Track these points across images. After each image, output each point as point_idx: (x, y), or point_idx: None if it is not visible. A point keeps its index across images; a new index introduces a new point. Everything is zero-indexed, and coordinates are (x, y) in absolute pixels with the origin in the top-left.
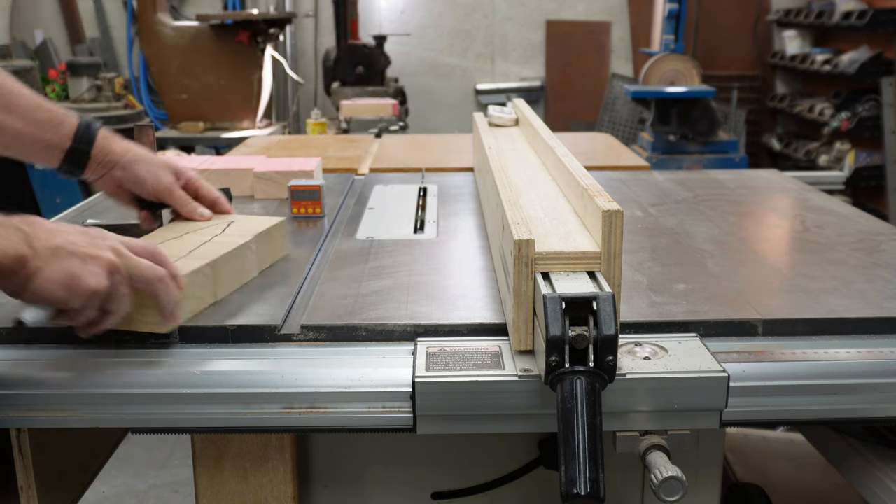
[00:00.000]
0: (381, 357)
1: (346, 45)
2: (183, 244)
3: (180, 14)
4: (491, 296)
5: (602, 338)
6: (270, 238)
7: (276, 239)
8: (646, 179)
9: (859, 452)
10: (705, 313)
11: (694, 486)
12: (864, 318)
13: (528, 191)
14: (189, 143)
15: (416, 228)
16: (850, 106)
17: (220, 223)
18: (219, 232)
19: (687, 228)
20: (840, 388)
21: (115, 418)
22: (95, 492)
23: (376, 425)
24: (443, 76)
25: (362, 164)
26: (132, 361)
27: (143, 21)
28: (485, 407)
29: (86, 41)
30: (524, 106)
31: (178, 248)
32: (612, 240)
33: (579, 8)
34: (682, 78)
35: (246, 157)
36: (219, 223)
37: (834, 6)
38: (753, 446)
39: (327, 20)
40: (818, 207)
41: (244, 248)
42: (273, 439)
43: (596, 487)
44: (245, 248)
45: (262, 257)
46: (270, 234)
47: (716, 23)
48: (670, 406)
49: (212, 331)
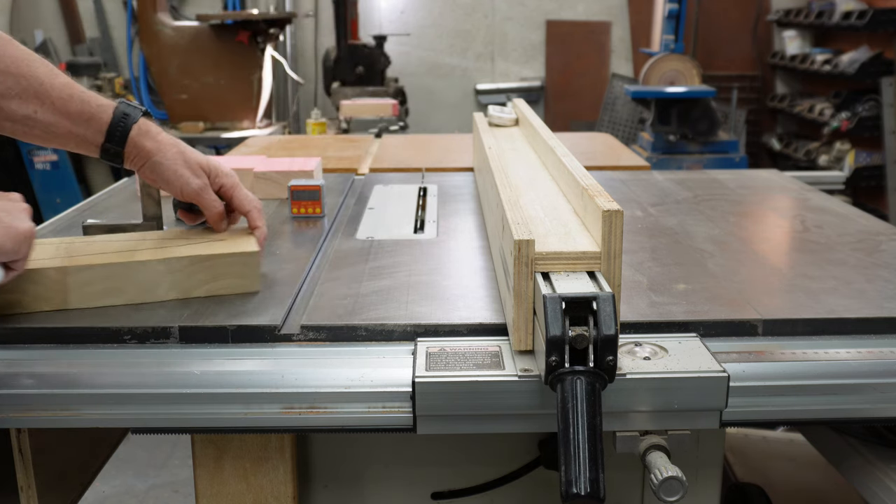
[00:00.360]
0: (381, 357)
1: (346, 45)
2: (116, 245)
3: (180, 14)
4: (491, 296)
5: (602, 338)
6: (214, 266)
7: (230, 268)
8: (646, 179)
9: (859, 452)
10: (705, 313)
11: (694, 486)
12: (864, 318)
13: (528, 191)
14: (189, 143)
15: (416, 228)
16: (850, 106)
17: (208, 236)
18: (182, 244)
19: (687, 228)
20: (840, 388)
21: (115, 418)
22: (95, 492)
23: (376, 425)
24: (443, 76)
25: (362, 164)
26: (132, 361)
27: (143, 21)
28: (485, 407)
29: (86, 41)
30: (524, 106)
31: (104, 247)
32: (612, 240)
33: (579, 8)
34: (682, 78)
35: (246, 157)
36: (208, 236)
37: (834, 6)
38: (753, 446)
39: (327, 20)
40: (818, 207)
41: (145, 266)
42: (273, 439)
43: (596, 487)
44: (147, 267)
45: (188, 282)
46: (215, 262)
47: (716, 23)
48: (670, 406)
49: (212, 331)
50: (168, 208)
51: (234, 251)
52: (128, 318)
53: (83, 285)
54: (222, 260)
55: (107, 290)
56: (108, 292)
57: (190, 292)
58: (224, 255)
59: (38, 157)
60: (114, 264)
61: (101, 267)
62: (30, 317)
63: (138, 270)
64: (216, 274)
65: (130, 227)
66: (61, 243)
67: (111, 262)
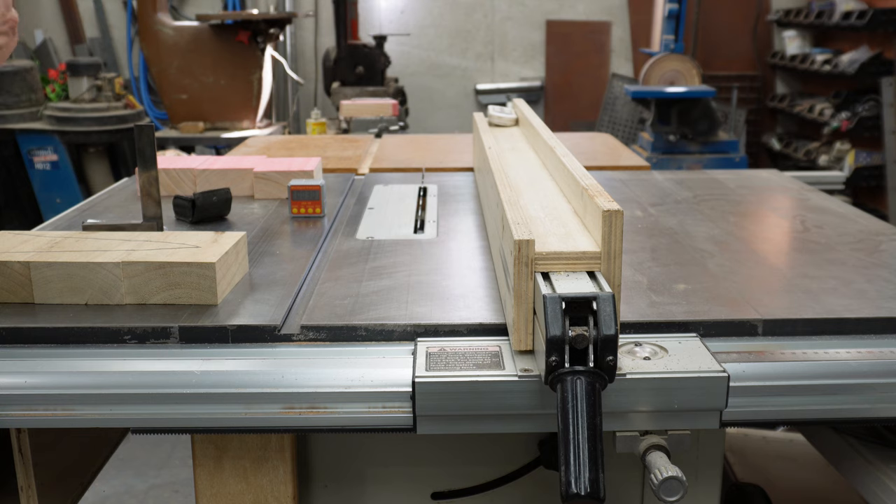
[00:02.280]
0: (381, 357)
1: (346, 45)
2: (93, 244)
3: (180, 14)
4: (491, 296)
5: (602, 338)
6: (169, 274)
7: (185, 277)
8: (646, 179)
9: (859, 452)
10: (705, 313)
11: (694, 486)
12: (864, 318)
13: (528, 191)
14: (189, 143)
15: (416, 228)
16: (850, 106)
17: (184, 242)
18: (149, 249)
19: (687, 228)
20: (840, 388)
21: (115, 418)
22: (95, 492)
23: (376, 425)
24: (443, 76)
25: (362, 164)
26: (132, 361)
27: (143, 21)
28: (485, 407)
29: (86, 41)
30: (524, 106)
31: (82, 245)
32: (612, 240)
33: (579, 8)
34: (682, 78)
35: (246, 157)
36: (184, 242)
37: (834, 6)
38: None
39: (327, 20)
40: (818, 207)
41: (102, 268)
42: (273, 439)
43: (596, 487)
44: (104, 269)
45: (145, 288)
46: (170, 270)
47: (716, 23)
48: (670, 406)
49: (212, 331)
50: (168, 208)
51: (190, 260)
52: (128, 318)
53: (45, 282)
54: (177, 269)
55: (67, 289)
56: (69, 291)
57: (147, 298)
58: (179, 264)
59: (38, 157)
60: (73, 263)
61: (60, 265)
62: (30, 317)
63: (96, 272)
64: (171, 282)
65: (130, 226)
66: (55, 237)
67: (70, 262)
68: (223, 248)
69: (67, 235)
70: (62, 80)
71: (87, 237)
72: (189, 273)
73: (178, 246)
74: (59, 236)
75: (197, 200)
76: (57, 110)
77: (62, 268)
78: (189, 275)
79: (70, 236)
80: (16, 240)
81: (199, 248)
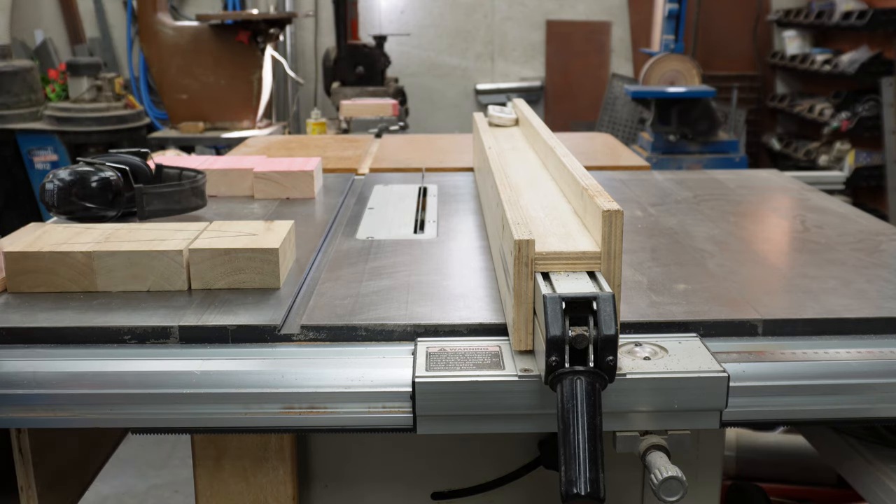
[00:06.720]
0: (381, 357)
1: (346, 45)
2: (150, 234)
3: (180, 14)
4: (491, 296)
5: (602, 338)
6: (233, 260)
7: (249, 263)
8: (646, 179)
9: (859, 452)
10: (705, 313)
11: (694, 486)
12: (864, 318)
13: (528, 191)
14: (189, 143)
15: (416, 228)
16: (850, 106)
17: (242, 230)
18: (211, 237)
19: (687, 228)
20: (840, 388)
21: (115, 418)
22: (95, 492)
23: (376, 425)
24: (443, 76)
25: (362, 164)
26: (132, 361)
27: (143, 21)
28: (485, 407)
29: (86, 41)
30: (524, 106)
31: (138, 234)
32: (612, 240)
33: (579, 8)
34: (682, 78)
35: (246, 157)
36: (242, 230)
37: (834, 6)
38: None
39: (327, 20)
40: (818, 207)
41: (166, 256)
42: (273, 439)
43: (596, 487)
44: (167, 256)
45: (209, 274)
46: (235, 256)
47: (716, 23)
48: (670, 406)
49: (212, 331)
50: None
51: (255, 246)
52: (128, 318)
53: (107, 270)
54: (242, 254)
55: (130, 277)
56: (132, 279)
57: (212, 284)
58: (244, 250)
59: (38, 157)
60: (136, 252)
61: (123, 254)
62: (30, 317)
63: (159, 259)
64: (236, 268)
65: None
66: (107, 229)
67: (134, 251)
68: (280, 235)
69: (119, 227)
70: (62, 80)
71: (139, 228)
72: (253, 258)
73: (236, 234)
74: (110, 228)
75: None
76: (57, 110)
77: (125, 257)
78: (253, 260)
79: (121, 228)
80: (67, 232)
81: (256, 236)
